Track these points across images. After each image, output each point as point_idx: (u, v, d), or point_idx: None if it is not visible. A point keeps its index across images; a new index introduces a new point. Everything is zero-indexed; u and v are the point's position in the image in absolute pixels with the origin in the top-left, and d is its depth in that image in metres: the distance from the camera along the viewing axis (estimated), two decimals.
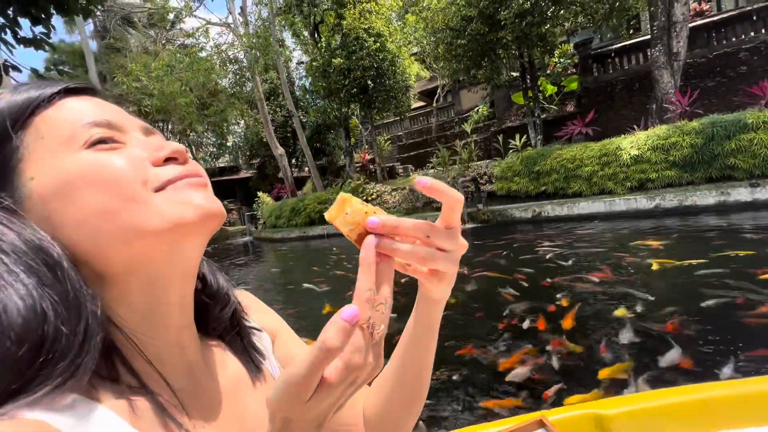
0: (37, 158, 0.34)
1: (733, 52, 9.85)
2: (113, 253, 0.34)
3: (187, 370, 0.41)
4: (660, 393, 0.94)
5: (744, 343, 2.27)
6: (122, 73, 14.05)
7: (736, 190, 6.17)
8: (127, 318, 0.36)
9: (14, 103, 0.35)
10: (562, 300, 3.27)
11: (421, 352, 0.47)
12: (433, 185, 0.33)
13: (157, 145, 0.37)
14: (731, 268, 3.48)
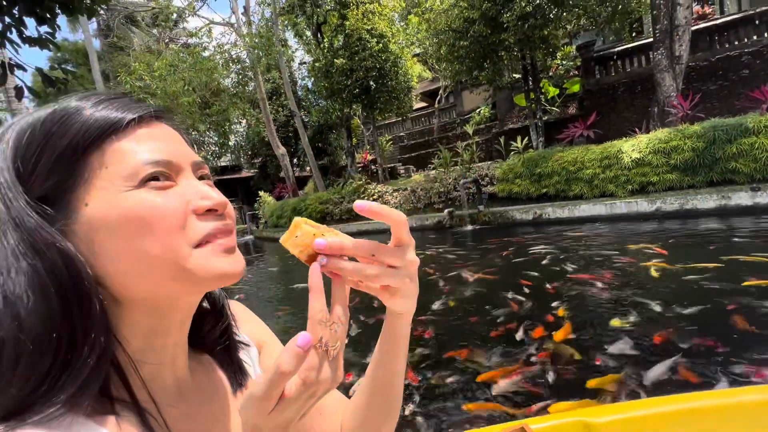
0: (96, 186, 0.34)
1: (736, 56, 9.85)
2: (138, 288, 0.36)
3: (175, 386, 0.42)
4: (650, 402, 0.93)
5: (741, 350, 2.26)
6: (125, 72, 14.10)
7: (736, 194, 6.16)
8: (129, 337, 0.37)
9: (92, 124, 0.35)
10: (559, 309, 3.20)
11: (391, 363, 0.48)
12: (371, 208, 0.35)
13: (203, 192, 0.38)
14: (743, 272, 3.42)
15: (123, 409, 0.36)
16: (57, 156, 0.33)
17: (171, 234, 0.35)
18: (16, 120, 0.36)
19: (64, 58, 20.53)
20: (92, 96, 0.37)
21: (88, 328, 0.33)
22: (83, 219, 0.34)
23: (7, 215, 0.32)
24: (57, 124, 0.34)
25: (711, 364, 2.16)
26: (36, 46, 5.73)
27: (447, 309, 3.67)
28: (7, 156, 0.34)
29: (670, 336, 2.52)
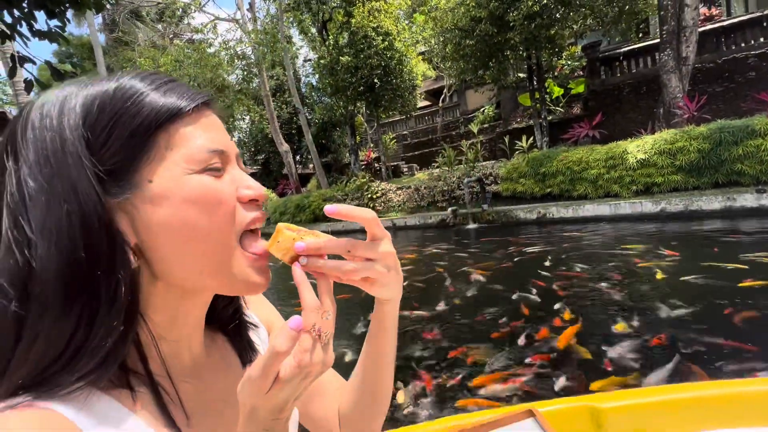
0: (160, 165, 0.35)
1: (742, 58, 9.81)
2: (181, 268, 0.37)
3: (191, 362, 0.43)
4: (657, 389, 0.94)
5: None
6: (131, 66, 14.11)
7: (742, 196, 6.16)
8: (152, 313, 0.38)
9: (162, 105, 0.36)
10: (565, 312, 3.12)
11: (380, 347, 0.50)
12: (339, 210, 0.38)
13: (247, 182, 0.40)
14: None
15: (138, 383, 0.37)
16: (130, 132, 0.34)
17: (226, 217, 0.37)
18: (71, 87, 0.36)
19: (69, 52, 20.55)
20: (151, 76, 0.38)
21: (114, 297, 0.33)
22: (146, 195, 0.35)
23: (64, 170, 0.33)
24: (128, 101, 0.35)
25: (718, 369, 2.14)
26: (46, 39, 5.75)
27: (452, 308, 3.68)
28: (78, 121, 0.34)
29: (672, 339, 2.49)
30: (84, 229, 0.32)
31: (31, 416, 0.30)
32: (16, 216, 0.32)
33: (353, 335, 3.18)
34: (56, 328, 0.32)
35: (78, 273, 0.32)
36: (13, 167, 0.33)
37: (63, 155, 0.33)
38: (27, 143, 0.34)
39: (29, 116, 0.35)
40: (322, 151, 17.61)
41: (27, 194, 0.32)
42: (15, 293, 0.31)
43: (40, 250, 0.31)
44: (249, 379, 0.34)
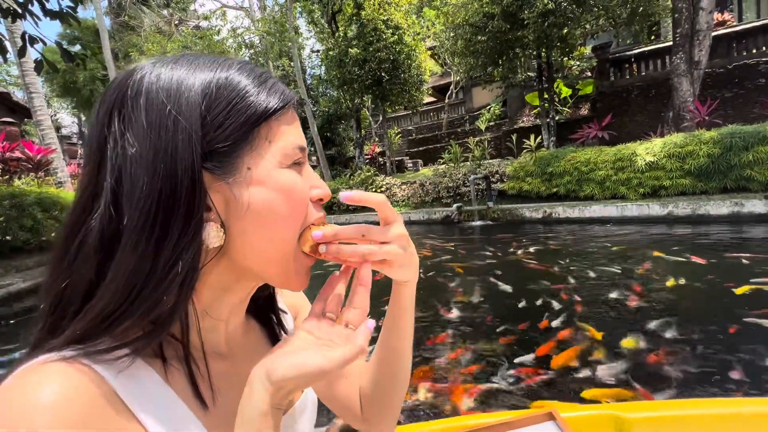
0: (259, 154, 0.38)
1: (753, 64, 9.80)
2: (250, 253, 0.39)
3: (225, 342, 0.45)
4: (685, 403, 0.91)
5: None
6: (138, 51, 14.00)
7: (750, 202, 6.17)
8: (202, 289, 0.40)
9: (270, 102, 0.39)
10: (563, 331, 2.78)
11: (398, 329, 0.52)
12: (352, 196, 0.39)
13: (316, 182, 0.43)
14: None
15: (172, 355, 0.39)
16: (243, 121, 0.37)
17: (302, 211, 0.41)
18: (181, 69, 0.38)
19: (74, 35, 20.38)
20: (254, 70, 0.40)
21: (192, 263, 0.35)
22: (243, 180, 0.37)
23: (171, 137, 0.35)
24: (242, 92, 0.38)
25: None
26: (57, 19, 5.69)
27: (459, 309, 3.69)
28: (198, 100, 0.36)
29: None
30: (173, 197, 0.34)
31: (73, 370, 0.32)
32: (120, 174, 0.34)
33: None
34: (123, 287, 0.33)
35: (159, 235, 0.34)
36: (119, 127, 0.35)
37: (174, 129, 0.35)
38: (138, 109, 0.35)
39: (141, 84, 0.36)
40: (327, 144, 17.55)
41: (130, 155, 0.34)
42: (101, 246, 0.34)
43: (129, 214, 0.33)
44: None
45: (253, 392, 0.35)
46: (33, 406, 0.29)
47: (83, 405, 0.31)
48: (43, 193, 7.40)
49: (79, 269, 0.34)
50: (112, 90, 0.37)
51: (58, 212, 7.24)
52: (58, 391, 0.30)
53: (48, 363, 0.32)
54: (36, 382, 0.30)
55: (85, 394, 0.31)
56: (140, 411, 0.34)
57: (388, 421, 0.58)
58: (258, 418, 0.34)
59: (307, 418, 0.52)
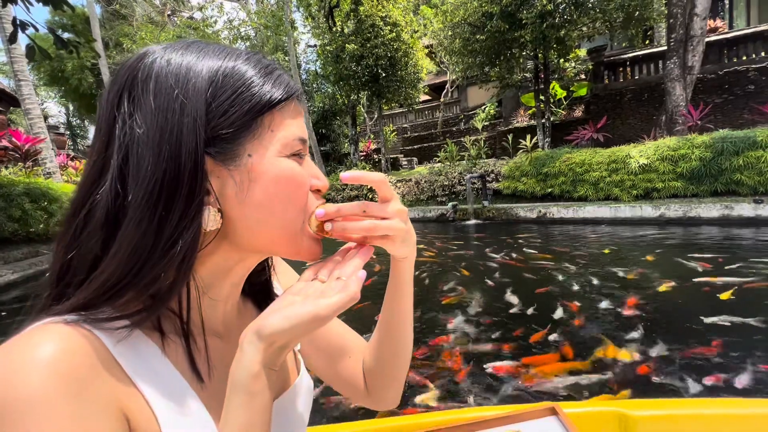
0: (260, 143, 0.39)
1: (743, 71, 10.01)
2: (255, 236, 0.40)
3: (222, 322, 0.46)
4: (690, 402, 0.91)
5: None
6: (130, 40, 13.73)
7: (739, 205, 6.33)
8: (202, 270, 0.41)
9: (274, 92, 0.40)
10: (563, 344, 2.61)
11: (398, 304, 0.53)
12: (353, 176, 0.41)
13: (315, 172, 0.44)
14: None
15: (170, 329, 0.40)
16: (248, 109, 0.38)
17: (303, 199, 0.42)
18: (190, 55, 0.39)
19: (63, 22, 19.86)
20: (261, 61, 0.41)
21: (192, 244, 0.37)
22: (243, 166, 0.38)
23: (178, 119, 0.36)
24: (248, 81, 0.39)
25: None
26: (49, 5, 5.54)
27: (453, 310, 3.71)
28: (204, 86, 0.37)
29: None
30: (177, 179, 0.35)
31: (74, 332, 0.33)
32: (126, 152, 0.35)
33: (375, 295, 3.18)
34: (126, 260, 0.35)
35: (162, 213, 0.35)
36: (128, 108, 0.36)
37: (181, 112, 0.36)
38: (147, 91, 0.36)
39: (152, 68, 0.37)
40: (321, 140, 17.45)
41: (138, 135, 0.35)
42: (106, 221, 0.35)
43: (134, 192, 0.35)
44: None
45: (243, 354, 0.35)
46: (31, 360, 0.30)
47: (81, 364, 0.32)
48: (32, 183, 7.22)
49: (86, 241, 0.36)
50: (123, 72, 0.38)
51: (47, 203, 7.08)
52: (57, 348, 0.31)
53: (50, 324, 0.33)
54: (37, 340, 0.31)
55: (84, 354, 0.32)
56: (138, 379, 0.35)
57: (393, 395, 0.60)
58: (249, 380, 0.35)
59: (302, 401, 0.53)
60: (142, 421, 0.35)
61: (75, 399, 0.30)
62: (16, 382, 0.29)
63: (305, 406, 0.54)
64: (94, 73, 18.61)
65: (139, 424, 0.34)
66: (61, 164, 10.01)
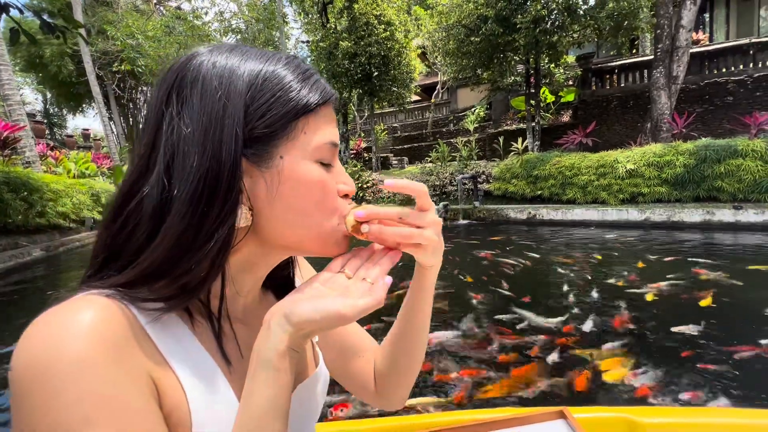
0: (294, 146, 0.40)
1: (723, 82, 10.44)
2: (283, 236, 0.42)
3: (242, 311, 0.48)
4: (699, 410, 0.90)
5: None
6: (114, 27, 13.30)
7: (720, 211, 6.60)
8: (229, 263, 0.43)
9: (311, 97, 0.41)
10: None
11: (418, 311, 0.55)
12: (395, 184, 0.42)
13: (343, 178, 0.45)
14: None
15: (198, 313, 0.42)
16: (285, 112, 0.39)
17: (332, 204, 0.43)
18: (235, 57, 0.40)
19: (41, 6, 19.07)
20: (300, 66, 0.43)
21: (226, 239, 0.38)
22: (275, 167, 0.40)
23: (220, 116, 0.37)
24: (286, 86, 0.40)
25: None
26: None
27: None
28: (244, 89, 0.39)
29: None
30: (217, 178, 0.37)
31: (112, 305, 0.35)
32: (174, 149, 0.37)
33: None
34: (168, 251, 0.37)
35: (204, 209, 0.37)
36: (176, 108, 0.38)
37: (223, 113, 0.37)
38: (195, 92, 0.38)
39: (200, 69, 0.39)
40: None
41: (184, 134, 0.37)
42: (153, 213, 0.37)
43: (179, 187, 0.37)
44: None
45: (271, 333, 0.37)
46: (74, 326, 0.31)
47: (119, 333, 0.34)
48: (12, 172, 6.91)
49: (134, 229, 0.38)
50: (172, 72, 0.40)
51: (26, 194, 6.80)
52: (98, 316, 0.33)
53: (90, 295, 0.35)
54: (77, 308, 0.33)
55: (121, 324, 0.34)
56: (169, 356, 0.37)
57: (401, 396, 0.62)
58: (275, 358, 0.37)
59: (318, 392, 0.55)
60: (172, 396, 0.36)
61: (114, 364, 0.32)
62: (61, 346, 0.30)
63: (320, 398, 0.55)
64: (75, 60, 17.95)
65: (168, 398, 0.36)
66: (40, 153, 9.63)
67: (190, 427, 0.36)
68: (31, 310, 3.99)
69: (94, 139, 18.98)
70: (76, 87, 19.37)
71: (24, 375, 0.30)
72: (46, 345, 0.30)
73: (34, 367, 0.30)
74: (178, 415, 0.36)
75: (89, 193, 8.74)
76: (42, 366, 0.30)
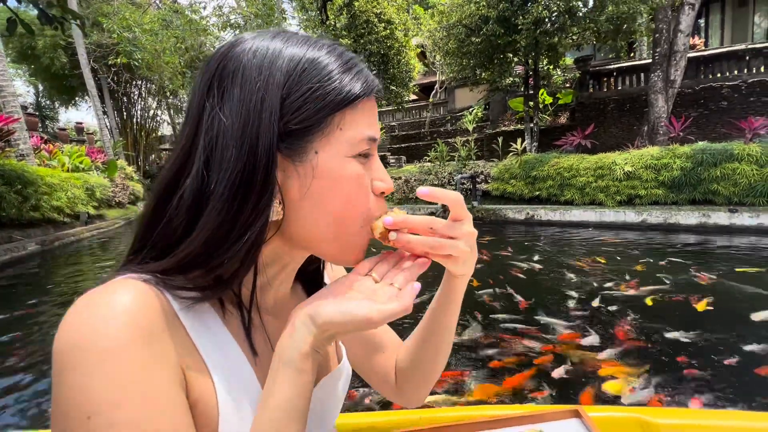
0: (329, 140, 0.39)
1: (718, 87, 10.58)
2: (312, 231, 0.41)
3: (273, 303, 0.48)
4: (715, 413, 0.90)
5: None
6: (110, 20, 13.11)
7: (716, 214, 6.69)
8: (266, 254, 0.43)
9: (349, 90, 0.39)
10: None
11: (445, 316, 0.54)
12: (431, 192, 0.41)
13: (381, 175, 0.43)
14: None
15: (229, 303, 0.42)
16: (321, 107, 0.38)
17: (363, 203, 0.41)
18: (277, 41, 0.39)
19: None
20: (344, 55, 0.41)
21: (259, 234, 0.38)
22: (309, 162, 0.38)
23: (256, 117, 0.37)
24: (324, 78, 0.38)
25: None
26: None
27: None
28: (281, 81, 0.38)
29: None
30: (253, 172, 0.36)
31: (149, 289, 0.35)
32: (213, 142, 0.37)
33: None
34: (204, 243, 0.37)
35: (240, 204, 0.37)
36: (217, 99, 0.38)
37: (261, 106, 0.37)
38: (235, 83, 0.37)
39: (241, 58, 0.38)
40: None
41: (224, 126, 0.37)
42: (193, 204, 0.37)
43: (217, 181, 0.36)
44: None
45: (295, 332, 0.37)
46: (111, 309, 0.32)
47: (153, 318, 0.34)
48: (7, 165, 6.80)
49: (174, 220, 0.38)
50: (214, 61, 0.39)
51: (21, 187, 6.68)
52: (133, 300, 0.33)
53: (128, 278, 0.36)
54: (116, 290, 0.34)
55: (155, 309, 0.35)
56: (200, 344, 0.38)
57: (422, 394, 0.62)
58: (298, 358, 0.37)
59: (340, 388, 0.55)
60: (199, 384, 0.36)
61: (145, 348, 0.32)
62: (97, 329, 0.31)
63: (342, 393, 0.55)
64: (68, 52, 17.65)
65: (195, 385, 0.36)
66: (34, 146, 9.46)
67: (216, 415, 0.36)
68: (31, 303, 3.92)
69: (87, 133, 18.69)
70: (69, 80, 19.03)
71: (62, 354, 0.31)
72: (83, 327, 0.31)
73: (71, 348, 0.31)
74: (204, 402, 0.36)
75: (84, 188, 8.63)
76: (78, 347, 0.31)
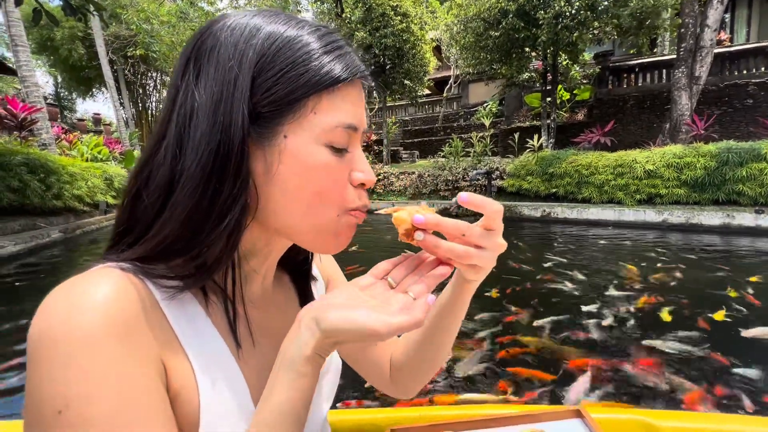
0: (300, 125, 0.37)
1: (743, 84, 10.28)
2: (283, 220, 0.39)
3: (260, 294, 0.47)
4: (719, 417, 0.87)
5: None
6: (129, 12, 13.23)
7: (740, 215, 6.53)
8: (244, 242, 0.41)
9: (326, 72, 0.37)
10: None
11: (451, 319, 0.53)
12: (471, 200, 0.39)
13: (361, 166, 0.41)
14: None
15: (213, 294, 0.41)
16: (292, 89, 0.36)
17: (335, 194, 0.39)
18: (258, 18, 0.38)
19: None
20: (328, 35, 0.39)
21: (238, 220, 0.37)
22: (276, 146, 0.37)
23: (228, 99, 0.35)
24: (300, 58, 0.36)
25: None
26: None
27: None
28: (253, 59, 0.36)
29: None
30: (228, 154, 0.35)
31: (127, 279, 0.34)
32: (186, 119, 0.36)
33: None
34: (179, 227, 0.36)
35: (215, 187, 0.35)
36: (193, 76, 0.37)
37: (233, 86, 0.35)
38: (211, 61, 0.36)
39: (219, 35, 0.37)
40: None
41: (197, 104, 0.36)
42: (165, 183, 0.36)
43: (188, 160, 0.35)
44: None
45: (300, 335, 0.36)
46: (87, 300, 0.31)
47: (130, 309, 0.33)
48: (31, 154, 6.94)
49: (147, 199, 0.36)
50: (193, 38, 0.38)
51: (44, 175, 6.82)
52: (111, 291, 0.32)
53: (107, 268, 0.35)
54: (91, 281, 0.33)
55: (133, 300, 0.33)
56: (182, 335, 0.37)
57: (416, 388, 0.62)
58: (300, 361, 0.35)
59: (330, 381, 0.53)
60: (181, 376, 0.36)
61: (121, 342, 0.31)
62: (72, 320, 0.30)
63: (332, 386, 0.54)
64: (86, 44, 17.89)
65: (176, 377, 0.35)
66: (55, 136, 9.64)
67: (198, 407, 0.36)
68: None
69: (104, 124, 18.98)
70: (86, 71, 19.31)
71: (36, 344, 0.30)
72: (58, 317, 0.30)
73: (46, 338, 0.30)
74: (185, 394, 0.35)
75: (103, 177, 8.77)
76: (52, 338, 0.30)
